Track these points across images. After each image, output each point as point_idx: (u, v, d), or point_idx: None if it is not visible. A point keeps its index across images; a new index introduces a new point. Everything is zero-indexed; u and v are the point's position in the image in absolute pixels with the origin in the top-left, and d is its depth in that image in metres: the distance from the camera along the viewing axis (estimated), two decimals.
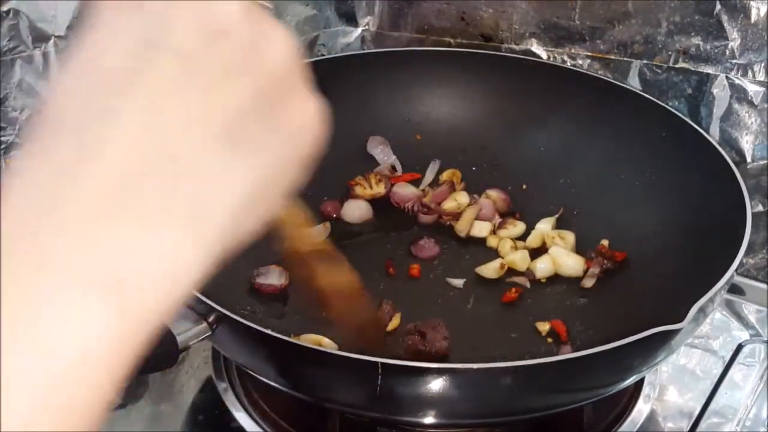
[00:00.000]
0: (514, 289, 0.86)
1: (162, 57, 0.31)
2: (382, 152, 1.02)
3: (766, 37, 0.91)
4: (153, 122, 0.30)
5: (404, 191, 0.99)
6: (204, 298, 0.65)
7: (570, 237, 0.91)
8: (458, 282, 0.88)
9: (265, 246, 0.43)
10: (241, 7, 0.32)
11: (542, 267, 0.88)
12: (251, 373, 0.74)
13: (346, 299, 0.68)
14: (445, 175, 1.00)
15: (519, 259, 0.89)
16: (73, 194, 0.29)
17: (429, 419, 0.66)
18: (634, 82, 1.00)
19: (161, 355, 0.64)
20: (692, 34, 0.95)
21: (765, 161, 0.95)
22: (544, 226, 0.93)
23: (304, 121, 0.34)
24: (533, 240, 0.92)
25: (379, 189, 0.98)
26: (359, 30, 1.16)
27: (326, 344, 0.75)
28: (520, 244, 0.92)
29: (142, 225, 0.30)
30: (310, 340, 0.76)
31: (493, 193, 0.98)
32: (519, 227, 0.94)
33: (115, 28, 0.31)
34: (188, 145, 0.31)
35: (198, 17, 0.31)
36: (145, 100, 0.30)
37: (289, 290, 0.85)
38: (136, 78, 0.30)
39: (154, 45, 0.31)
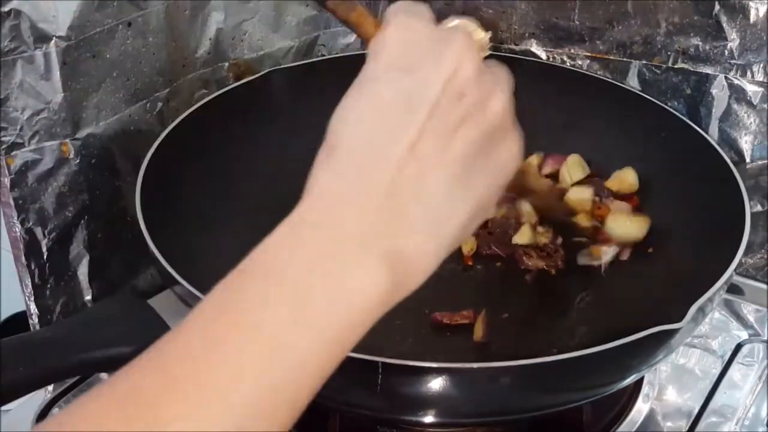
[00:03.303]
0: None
1: (421, 105, 0.42)
2: None
3: (765, 38, 0.91)
4: (408, 153, 0.42)
5: None
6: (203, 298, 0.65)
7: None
8: None
9: None
10: (476, 73, 0.45)
11: None
12: None
13: None
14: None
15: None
16: (357, 207, 0.41)
17: (429, 418, 0.67)
18: (633, 83, 1.00)
19: None
20: (691, 34, 0.95)
21: (764, 161, 0.96)
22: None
23: (510, 156, 0.46)
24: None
25: None
26: None
27: None
28: None
29: (406, 227, 0.42)
30: None
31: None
32: None
33: (390, 78, 0.44)
34: (440, 179, 0.42)
35: (448, 81, 0.43)
36: (412, 134, 0.42)
37: None
38: (406, 115, 0.42)
39: (417, 95, 0.43)
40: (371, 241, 0.40)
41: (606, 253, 0.87)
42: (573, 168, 0.96)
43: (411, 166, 0.41)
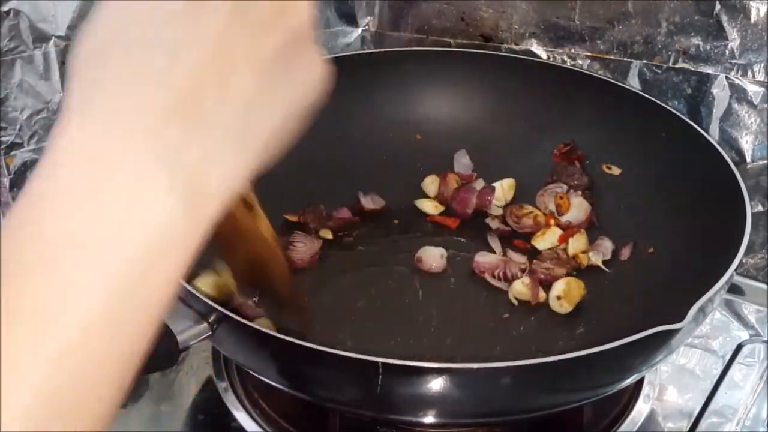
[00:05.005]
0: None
1: (215, 4, 0.37)
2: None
3: (765, 38, 0.91)
4: (209, 53, 0.36)
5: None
6: (204, 298, 0.65)
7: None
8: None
9: None
10: None
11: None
12: (251, 372, 0.74)
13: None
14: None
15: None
16: (146, 106, 0.35)
17: (429, 419, 0.66)
18: (633, 82, 1.00)
19: (161, 355, 0.64)
20: (692, 34, 0.95)
21: (765, 161, 0.95)
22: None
23: (316, 73, 0.42)
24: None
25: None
26: (359, 30, 1.16)
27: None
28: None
29: (208, 135, 0.36)
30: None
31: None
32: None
33: None
34: (240, 75, 0.37)
35: None
36: (203, 35, 0.36)
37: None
38: (195, 18, 0.36)
39: None
40: (160, 165, 0.34)
41: (596, 255, 0.88)
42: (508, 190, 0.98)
43: (208, 59, 0.36)
